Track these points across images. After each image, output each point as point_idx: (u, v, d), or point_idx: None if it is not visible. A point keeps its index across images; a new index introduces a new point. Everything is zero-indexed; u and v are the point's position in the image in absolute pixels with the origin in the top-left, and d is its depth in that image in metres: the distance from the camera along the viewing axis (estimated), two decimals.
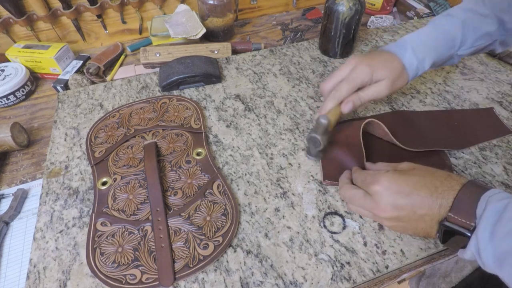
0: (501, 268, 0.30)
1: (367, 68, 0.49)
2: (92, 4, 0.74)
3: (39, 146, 0.59)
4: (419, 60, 0.51)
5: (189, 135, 0.54)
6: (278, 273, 0.39)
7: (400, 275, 0.55)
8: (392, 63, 0.50)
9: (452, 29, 0.51)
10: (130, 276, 0.39)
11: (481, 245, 0.32)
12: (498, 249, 0.30)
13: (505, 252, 0.30)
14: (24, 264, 0.44)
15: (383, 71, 0.49)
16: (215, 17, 0.77)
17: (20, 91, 0.66)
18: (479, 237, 0.32)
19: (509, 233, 0.30)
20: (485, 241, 0.31)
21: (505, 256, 0.30)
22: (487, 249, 0.31)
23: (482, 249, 0.32)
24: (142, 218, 0.44)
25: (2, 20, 0.69)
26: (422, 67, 0.51)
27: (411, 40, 0.52)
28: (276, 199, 0.47)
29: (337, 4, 0.64)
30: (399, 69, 0.50)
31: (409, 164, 0.42)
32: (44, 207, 0.47)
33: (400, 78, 0.51)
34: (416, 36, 0.52)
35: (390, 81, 0.49)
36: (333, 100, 0.49)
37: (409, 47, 0.51)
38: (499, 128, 0.55)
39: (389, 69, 0.50)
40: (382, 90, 0.50)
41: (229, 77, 0.68)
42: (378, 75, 0.49)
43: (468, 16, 0.51)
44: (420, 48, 0.51)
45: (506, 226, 0.30)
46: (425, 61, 0.51)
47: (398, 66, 0.50)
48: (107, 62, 0.74)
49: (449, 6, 0.85)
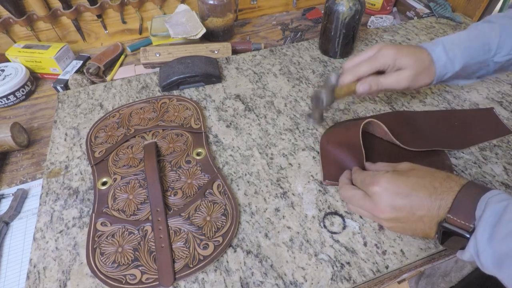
0: (500, 270, 0.30)
1: (392, 52, 0.48)
2: (92, 4, 0.74)
3: (39, 146, 0.59)
4: (449, 58, 0.48)
5: (189, 135, 0.54)
6: (278, 273, 0.39)
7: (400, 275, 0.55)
8: (420, 54, 0.48)
9: (489, 33, 0.49)
10: (130, 276, 0.39)
11: (480, 247, 0.31)
12: (497, 251, 0.30)
13: (505, 254, 0.30)
14: (24, 264, 0.44)
15: (407, 59, 0.47)
16: (215, 17, 0.77)
17: (20, 91, 0.66)
18: (478, 239, 0.32)
19: (508, 235, 0.30)
20: (484, 243, 0.31)
21: (504, 258, 0.30)
22: (486, 251, 0.31)
23: (481, 251, 0.31)
24: (142, 218, 0.44)
25: (2, 20, 0.69)
26: (451, 66, 0.49)
27: (444, 39, 0.50)
28: (276, 199, 0.47)
29: (337, 4, 0.64)
30: (425, 62, 0.48)
31: (409, 165, 0.42)
32: (44, 207, 0.47)
33: (425, 72, 0.48)
34: (450, 36, 0.50)
35: (413, 72, 0.47)
36: (351, 74, 0.48)
37: (441, 44, 0.49)
38: (499, 128, 0.55)
39: (415, 58, 0.48)
40: (403, 80, 0.48)
41: (229, 77, 0.68)
42: (401, 62, 0.47)
43: (508, 22, 0.49)
44: (452, 47, 0.48)
45: (506, 227, 0.30)
46: (455, 60, 0.48)
47: (425, 58, 0.48)
48: (107, 62, 0.74)
49: (449, 6, 0.85)
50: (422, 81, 0.49)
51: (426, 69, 0.48)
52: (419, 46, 0.51)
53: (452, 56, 0.48)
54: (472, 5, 0.83)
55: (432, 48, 0.49)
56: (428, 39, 0.77)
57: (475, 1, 0.82)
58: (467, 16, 0.85)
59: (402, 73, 0.48)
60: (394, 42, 0.76)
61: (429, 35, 0.78)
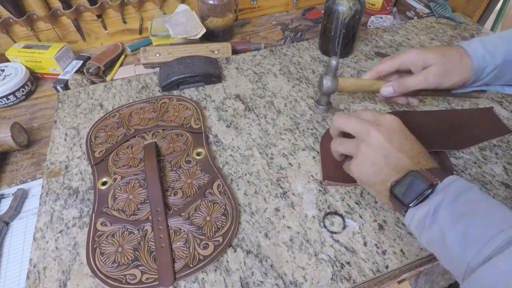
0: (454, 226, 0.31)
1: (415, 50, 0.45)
2: (92, 4, 0.74)
3: (39, 146, 0.59)
4: (487, 50, 0.44)
5: (189, 135, 0.54)
6: (278, 273, 0.39)
7: (400, 275, 0.55)
8: (448, 50, 0.45)
9: None
10: (130, 276, 0.39)
11: (443, 205, 0.32)
12: (457, 211, 0.31)
13: (461, 213, 0.31)
14: (24, 264, 0.44)
15: (433, 55, 0.44)
16: (215, 17, 0.77)
17: (20, 91, 0.66)
18: (446, 195, 0.33)
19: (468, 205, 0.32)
20: (449, 202, 0.32)
21: (459, 217, 0.31)
22: (446, 208, 0.32)
23: (443, 207, 0.32)
24: (142, 218, 0.44)
25: (2, 20, 0.69)
26: (491, 58, 0.44)
27: (481, 36, 0.47)
28: (276, 199, 0.47)
29: (337, 4, 0.64)
30: (454, 56, 0.44)
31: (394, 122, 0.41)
32: (44, 207, 0.47)
33: (457, 66, 0.44)
34: (488, 34, 0.48)
35: (441, 67, 0.44)
36: (371, 71, 0.47)
37: (477, 39, 0.46)
38: (499, 127, 0.55)
39: (440, 53, 0.44)
40: (431, 77, 0.44)
41: (229, 77, 0.68)
42: (426, 58, 0.45)
43: None
44: (490, 40, 0.45)
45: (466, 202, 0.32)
46: (496, 52, 0.44)
47: (454, 53, 0.44)
48: (107, 62, 0.74)
49: (449, 6, 0.85)
50: (456, 77, 0.46)
51: (458, 63, 0.45)
52: (451, 45, 0.48)
53: (491, 49, 0.44)
54: (472, 5, 0.83)
55: (467, 43, 0.46)
56: (428, 39, 0.77)
57: (475, 1, 0.82)
58: (467, 16, 0.85)
59: (429, 70, 0.45)
60: (394, 42, 0.77)
61: (429, 35, 0.78)
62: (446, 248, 0.31)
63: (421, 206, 0.34)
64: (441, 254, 0.33)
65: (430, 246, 0.34)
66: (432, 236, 0.33)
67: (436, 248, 0.33)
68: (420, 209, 0.34)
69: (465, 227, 0.30)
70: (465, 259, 0.29)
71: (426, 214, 0.34)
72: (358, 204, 0.46)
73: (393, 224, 0.43)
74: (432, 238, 0.33)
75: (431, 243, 0.34)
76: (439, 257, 0.34)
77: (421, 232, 0.34)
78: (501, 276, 0.26)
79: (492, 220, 0.30)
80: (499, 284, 0.26)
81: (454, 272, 0.32)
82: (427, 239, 0.34)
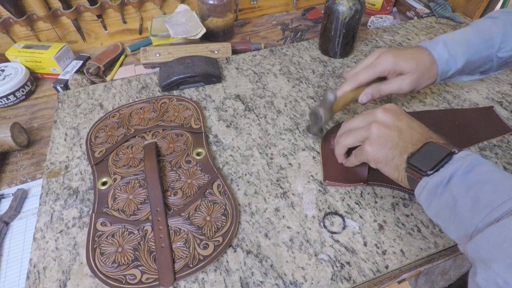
0: (467, 193, 0.32)
1: (391, 57, 0.47)
2: (92, 4, 0.74)
3: (39, 146, 0.59)
4: (451, 54, 0.47)
5: (189, 135, 0.54)
6: (278, 273, 0.39)
7: (400, 275, 0.55)
8: (421, 56, 0.48)
9: (491, 28, 0.48)
10: (130, 276, 0.39)
11: (458, 173, 0.33)
12: (471, 180, 0.32)
13: (474, 183, 0.32)
14: (24, 264, 0.44)
15: (407, 64, 0.47)
16: (215, 17, 0.77)
17: (20, 91, 0.66)
18: (462, 165, 0.33)
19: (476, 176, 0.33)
20: (464, 172, 0.33)
21: (471, 187, 0.32)
22: (461, 179, 0.33)
23: (459, 174, 0.33)
24: (142, 218, 0.44)
25: (2, 20, 0.69)
26: (454, 63, 0.48)
27: (445, 36, 0.49)
28: (276, 199, 0.47)
29: (337, 4, 0.64)
30: (426, 64, 0.47)
31: None
32: (44, 207, 0.47)
33: (427, 73, 0.48)
34: (451, 34, 0.50)
35: (414, 76, 0.47)
36: (350, 83, 0.48)
37: (441, 42, 0.48)
38: (499, 126, 0.55)
39: (415, 62, 0.47)
40: (405, 85, 0.48)
41: (229, 77, 0.68)
42: (401, 67, 0.47)
43: (511, 18, 0.48)
44: (453, 43, 0.48)
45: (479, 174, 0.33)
46: (457, 56, 0.47)
47: (426, 60, 0.47)
48: (107, 62, 0.74)
49: (449, 6, 0.85)
50: (425, 83, 0.49)
51: (428, 70, 0.48)
52: (419, 46, 0.51)
53: (454, 53, 0.48)
54: (472, 5, 0.83)
55: (433, 47, 0.49)
56: (428, 39, 0.77)
57: (475, 1, 0.82)
58: (467, 16, 0.85)
59: (403, 78, 0.48)
60: (394, 42, 0.77)
61: (429, 35, 0.78)
62: (455, 213, 0.32)
63: (435, 175, 0.35)
64: (449, 221, 0.33)
65: (438, 215, 0.35)
66: (442, 203, 0.34)
67: (446, 216, 0.34)
68: (434, 178, 0.35)
69: (477, 193, 0.31)
70: (474, 222, 0.30)
71: (440, 182, 0.34)
72: (358, 204, 0.46)
73: (393, 224, 0.43)
74: (441, 205, 0.34)
75: (440, 212, 0.34)
76: (445, 227, 0.34)
77: (431, 201, 0.35)
78: (509, 234, 0.27)
79: (504, 188, 0.31)
80: (506, 241, 0.26)
81: (461, 238, 0.32)
82: (436, 208, 0.35)
